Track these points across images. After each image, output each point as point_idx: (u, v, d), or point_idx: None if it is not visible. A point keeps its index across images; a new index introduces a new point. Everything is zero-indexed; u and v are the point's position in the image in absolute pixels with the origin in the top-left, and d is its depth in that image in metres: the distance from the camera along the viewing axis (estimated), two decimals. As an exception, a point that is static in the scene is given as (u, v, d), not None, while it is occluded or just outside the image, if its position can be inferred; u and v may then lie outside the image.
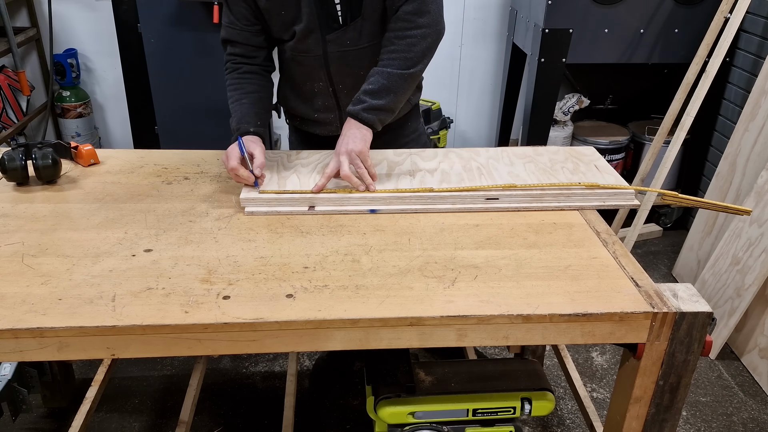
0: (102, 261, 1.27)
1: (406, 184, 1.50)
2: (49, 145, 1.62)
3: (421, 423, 1.45)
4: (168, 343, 1.10)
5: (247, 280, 1.21)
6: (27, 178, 1.58)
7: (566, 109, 3.31)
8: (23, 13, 3.38)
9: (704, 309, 1.16)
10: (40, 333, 1.08)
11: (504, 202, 1.49)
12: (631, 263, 1.29)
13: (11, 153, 1.55)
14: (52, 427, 2.10)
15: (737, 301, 2.41)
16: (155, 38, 2.79)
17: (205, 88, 2.84)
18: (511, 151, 1.72)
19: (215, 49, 2.78)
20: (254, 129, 1.59)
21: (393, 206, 1.48)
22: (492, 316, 1.13)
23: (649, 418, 1.26)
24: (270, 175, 1.55)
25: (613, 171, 1.61)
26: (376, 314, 1.12)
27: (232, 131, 1.60)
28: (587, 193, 1.51)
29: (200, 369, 2.07)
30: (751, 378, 2.39)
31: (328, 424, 2.14)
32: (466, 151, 1.72)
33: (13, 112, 3.35)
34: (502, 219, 1.46)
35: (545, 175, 1.57)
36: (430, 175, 1.55)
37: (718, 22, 2.60)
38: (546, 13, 2.79)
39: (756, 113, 2.57)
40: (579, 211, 1.50)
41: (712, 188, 2.79)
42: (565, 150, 1.74)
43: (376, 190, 1.48)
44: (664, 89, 3.19)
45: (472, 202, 1.49)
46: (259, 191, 1.47)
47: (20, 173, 1.56)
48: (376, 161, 1.61)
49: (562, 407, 2.23)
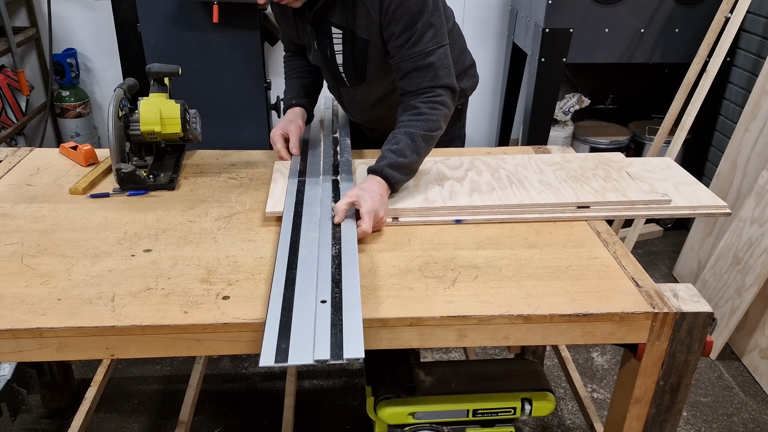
0: (101, 261, 1.26)
1: (435, 194, 1.49)
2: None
3: (421, 423, 1.44)
4: (167, 343, 1.10)
5: (246, 280, 1.21)
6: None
7: (567, 109, 3.31)
8: (23, 13, 3.38)
9: (705, 309, 1.16)
10: (40, 333, 1.07)
11: (594, 211, 1.47)
12: (632, 263, 1.29)
13: None
14: (51, 427, 2.10)
15: (738, 301, 2.40)
16: (155, 38, 2.79)
17: (204, 88, 2.84)
18: (538, 158, 1.71)
19: (215, 49, 2.78)
20: (296, 101, 1.76)
21: (479, 216, 1.45)
22: (492, 317, 1.12)
23: (649, 419, 1.26)
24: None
25: (645, 178, 1.59)
26: (375, 314, 1.11)
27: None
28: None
29: (200, 369, 2.07)
30: (751, 378, 2.38)
31: (328, 424, 2.14)
32: (491, 158, 1.70)
33: (12, 112, 3.34)
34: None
35: (578, 183, 1.55)
36: (459, 185, 1.54)
37: (718, 22, 2.59)
38: (546, 13, 2.79)
39: (756, 113, 2.57)
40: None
41: (713, 188, 2.78)
42: (594, 156, 1.72)
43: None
44: (665, 89, 3.19)
45: (562, 212, 1.47)
46: None
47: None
48: None
49: (562, 408, 2.23)
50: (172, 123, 1.58)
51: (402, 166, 1.45)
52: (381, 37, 1.54)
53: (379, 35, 1.53)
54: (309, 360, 0.97)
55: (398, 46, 1.51)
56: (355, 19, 1.53)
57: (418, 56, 1.50)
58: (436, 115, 1.50)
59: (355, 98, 1.76)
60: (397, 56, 1.52)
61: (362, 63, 1.61)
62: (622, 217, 1.53)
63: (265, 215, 1.44)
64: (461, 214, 1.45)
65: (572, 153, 1.77)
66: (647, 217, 1.65)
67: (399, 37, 1.50)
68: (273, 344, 1.00)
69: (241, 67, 2.83)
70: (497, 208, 1.45)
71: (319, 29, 1.59)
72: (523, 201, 1.47)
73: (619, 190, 1.52)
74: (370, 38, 1.55)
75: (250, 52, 2.80)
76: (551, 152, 1.80)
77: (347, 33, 1.56)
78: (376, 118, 1.81)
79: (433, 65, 1.50)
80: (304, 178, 1.56)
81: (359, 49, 1.58)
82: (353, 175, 1.58)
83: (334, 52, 1.62)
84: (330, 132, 1.85)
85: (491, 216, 1.45)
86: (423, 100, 1.50)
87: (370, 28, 1.53)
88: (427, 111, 1.49)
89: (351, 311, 1.07)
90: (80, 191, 1.54)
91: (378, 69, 1.62)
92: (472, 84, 1.86)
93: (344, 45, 1.59)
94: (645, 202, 1.49)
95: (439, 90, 1.51)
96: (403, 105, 1.54)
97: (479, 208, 1.45)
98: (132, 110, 1.59)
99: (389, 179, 1.43)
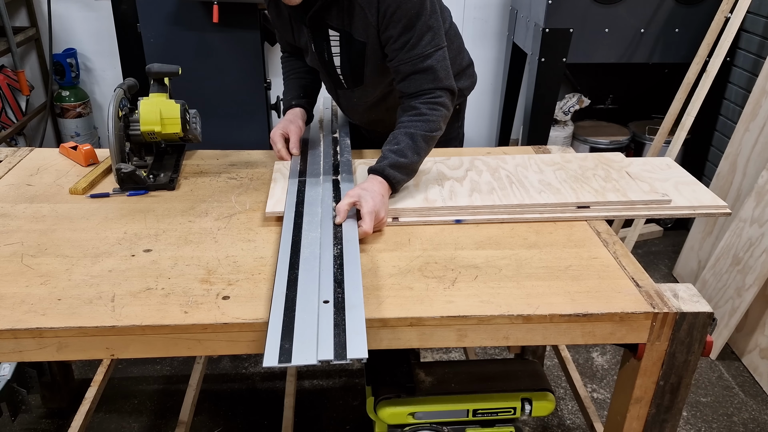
0: (101, 261, 1.26)
1: (435, 194, 1.49)
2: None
3: (421, 423, 1.44)
4: (167, 343, 1.10)
5: (246, 281, 1.21)
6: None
7: (567, 109, 3.31)
8: (22, 13, 3.38)
9: (705, 309, 1.16)
10: (40, 333, 1.07)
11: (594, 211, 1.47)
12: (632, 263, 1.29)
13: None
14: (51, 427, 2.10)
15: (738, 301, 2.40)
16: (155, 38, 2.79)
17: (204, 88, 2.84)
18: (538, 158, 1.71)
19: (215, 49, 2.78)
20: (295, 102, 1.78)
21: (479, 216, 1.45)
22: (492, 317, 1.12)
23: (649, 419, 1.26)
24: None
25: (645, 178, 1.59)
26: (375, 314, 1.11)
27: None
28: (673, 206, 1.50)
29: (200, 369, 2.07)
30: (751, 378, 2.38)
31: (328, 424, 2.14)
32: (491, 158, 1.70)
33: (12, 112, 3.34)
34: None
35: (578, 183, 1.55)
36: (459, 185, 1.54)
37: (718, 22, 2.59)
38: (546, 13, 2.79)
39: (756, 113, 2.57)
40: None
41: (713, 188, 2.78)
42: (594, 156, 1.72)
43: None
44: (665, 89, 3.19)
45: (562, 212, 1.47)
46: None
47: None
48: None
49: (562, 408, 2.23)
50: (172, 123, 1.59)
51: (403, 166, 1.45)
52: (378, 40, 1.53)
53: (376, 38, 1.53)
54: (312, 360, 0.97)
55: (396, 49, 1.50)
56: (351, 22, 1.52)
57: (416, 59, 1.49)
58: (435, 115, 1.50)
59: (353, 100, 1.76)
60: (395, 59, 1.52)
61: (360, 65, 1.61)
62: (622, 217, 1.53)
63: (265, 215, 1.44)
64: (461, 214, 1.45)
65: (572, 153, 1.77)
66: (647, 217, 1.65)
67: (397, 41, 1.49)
68: (276, 344, 1.00)
69: (241, 67, 2.83)
70: (497, 208, 1.45)
71: (316, 32, 1.59)
72: (523, 201, 1.47)
73: (619, 190, 1.52)
74: (368, 41, 1.54)
75: (250, 52, 2.80)
76: (551, 152, 1.80)
77: (344, 36, 1.56)
78: (374, 120, 1.81)
79: (432, 68, 1.50)
80: (304, 178, 1.56)
81: (356, 52, 1.58)
82: (353, 175, 1.58)
83: (331, 55, 1.62)
84: (330, 132, 1.85)
85: (491, 216, 1.45)
86: (423, 101, 1.50)
87: (368, 31, 1.52)
88: (427, 112, 1.49)
89: (354, 311, 1.07)
90: (80, 191, 1.54)
91: (375, 71, 1.62)
92: (470, 84, 1.86)
93: (341, 48, 1.59)
94: (645, 202, 1.49)
95: (438, 92, 1.51)
96: (403, 106, 1.54)
97: (479, 208, 1.45)
98: (132, 110, 1.60)
99: (390, 179, 1.43)
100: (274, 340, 1.01)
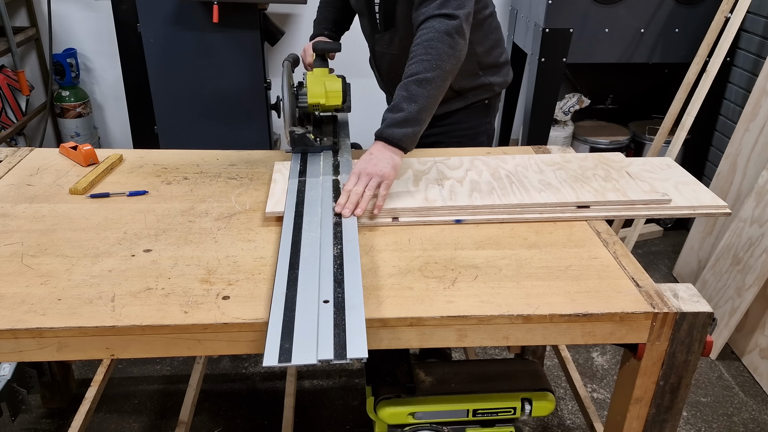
0: (101, 261, 1.26)
1: (435, 194, 1.49)
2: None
3: (421, 423, 1.44)
4: (167, 343, 1.10)
5: (246, 281, 1.21)
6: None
7: (567, 109, 3.31)
8: (22, 13, 3.38)
9: (705, 309, 1.16)
10: (40, 333, 1.07)
11: (594, 211, 1.47)
12: (632, 263, 1.29)
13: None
14: (51, 427, 2.10)
15: (738, 301, 2.40)
16: (155, 38, 2.79)
17: (204, 88, 2.84)
18: (538, 158, 1.71)
19: (215, 49, 2.78)
20: (327, 33, 1.93)
21: (479, 216, 1.45)
22: (492, 317, 1.12)
23: (649, 419, 1.26)
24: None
25: (645, 178, 1.59)
26: (375, 314, 1.11)
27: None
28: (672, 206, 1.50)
29: (200, 369, 2.07)
30: (751, 378, 2.38)
31: (328, 424, 2.14)
32: (491, 158, 1.70)
33: (12, 112, 3.34)
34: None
35: (578, 183, 1.55)
36: (459, 185, 1.54)
37: (718, 22, 2.59)
38: (546, 13, 2.79)
39: (757, 113, 2.57)
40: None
41: (713, 188, 2.78)
42: (594, 156, 1.72)
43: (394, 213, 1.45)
44: (665, 89, 3.19)
45: (562, 212, 1.47)
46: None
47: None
48: (401, 171, 1.57)
49: (562, 408, 2.23)
50: (335, 96, 1.72)
51: (400, 121, 1.44)
52: None
53: None
54: (312, 360, 0.97)
55: None
56: None
57: None
58: (431, 54, 1.45)
59: (383, 47, 1.82)
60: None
61: (392, 2, 1.67)
62: (622, 217, 1.53)
63: (265, 215, 1.44)
64: (461, 214, 1.45)
65: (572, 153, 1.77)
66: (647, 217, 1.65)
67: None
68: (276, 344, 1.00)
69: (241, 67, 2.83)
70: (497, 208, 1.45)
71: None
72: (523, 201, 1.47)
73: (619, 189, 1.52)
74: None
75: (250, 52, 2.80)
76: (551, 152, 1.80)
77: None
78: (398, 77, 1.71)
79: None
80: (304, 178, 1.57)
81: None
82: None
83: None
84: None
85: (491, 216, 1.45)
86: (420, 40, 1.48)
87: None
88: (420, 52, 1.47)
89: (354, 311, 1.07)
90: (80, 191, 1.55)
91: (405, 11, 1.64)
92: (502, 81, 1.87)
93: None
94: (645, 202, 1.49)
95: (440, 18, 1.46)
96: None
97: (479, 208, 1.45)
98: (300, 85, 1.76)
99: (388, 139, 1.44)
100: (274, 339, 1.01)
